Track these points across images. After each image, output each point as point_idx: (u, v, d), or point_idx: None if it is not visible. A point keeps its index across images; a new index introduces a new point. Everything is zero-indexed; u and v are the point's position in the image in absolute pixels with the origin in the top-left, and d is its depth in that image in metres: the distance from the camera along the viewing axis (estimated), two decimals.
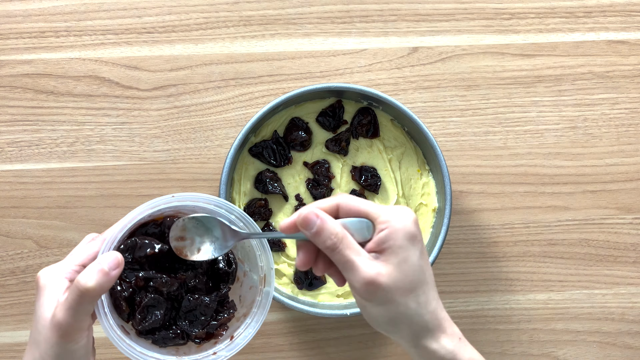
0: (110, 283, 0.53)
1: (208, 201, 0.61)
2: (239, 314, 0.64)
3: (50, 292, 0.53)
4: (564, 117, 0.86)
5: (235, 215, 0.61)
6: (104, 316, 0.55)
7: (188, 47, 0.83)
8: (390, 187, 0.79)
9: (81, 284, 0.51)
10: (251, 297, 0.63)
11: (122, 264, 0.54)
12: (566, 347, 0.86)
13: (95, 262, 0.53)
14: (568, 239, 0.86)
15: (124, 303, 0.59)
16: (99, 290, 0.52)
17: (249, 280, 0.64)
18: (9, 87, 0.82)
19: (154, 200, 0.58)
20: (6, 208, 0.82)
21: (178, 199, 0.59)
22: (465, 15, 0.86)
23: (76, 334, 0.52)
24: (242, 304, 0.64)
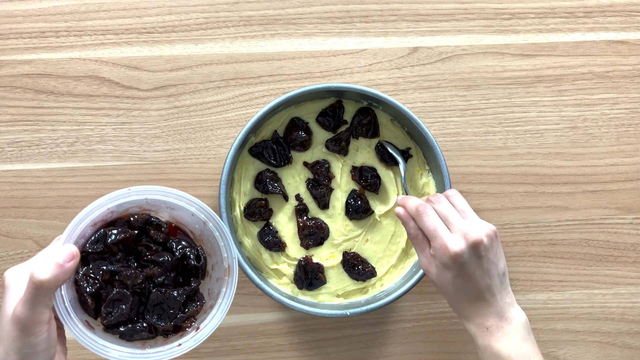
0: (66, 275, 0.53)
1: (167, 194, 0.62)
2: (207, 306, 0.65)
3: (14, 290, 0.54)
4: (564, 117, 0.86)
5: (196, 207, 0.63)
6: (64, 311, 0.56)
7: (188, 47, 0.83)
8: (390, 187, 0.79)
9: (35, 277, 0.52)
10: (218, 289, 0.65)
11: (77, 256, 0.55)
12: (566, 347, 0.86)
13: (49, 255, 0.54)
14: (568, 239, 0.86)
15: (90, 299, 0.60)
16: (53, 282, 0.52)
17: (217, 273, 0.66)
18: (9, 87, 0.82)
19: (112, 194, 0.60)
20: (6, 208, 0.82)
21: (136, 192, 0.61)
22: (465, 15, 0.86)
23: (35, 327, 0.53)
24: (210, 297, 0.66)
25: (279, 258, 0.78)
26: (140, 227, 0.64)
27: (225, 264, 0.64)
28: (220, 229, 0.64)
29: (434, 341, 0.85)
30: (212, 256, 0.66)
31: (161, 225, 0.65)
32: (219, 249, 0.64)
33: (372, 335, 0.84)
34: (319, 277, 0.77)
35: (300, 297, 0.78)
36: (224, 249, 0.64)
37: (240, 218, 0.77)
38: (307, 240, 0.77)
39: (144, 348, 0.62)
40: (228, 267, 0.64)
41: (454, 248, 0.62)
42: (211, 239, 0.65)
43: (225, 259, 0.64)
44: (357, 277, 0.78)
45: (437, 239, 0.64)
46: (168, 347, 0.62)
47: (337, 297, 0.78)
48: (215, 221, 0.64)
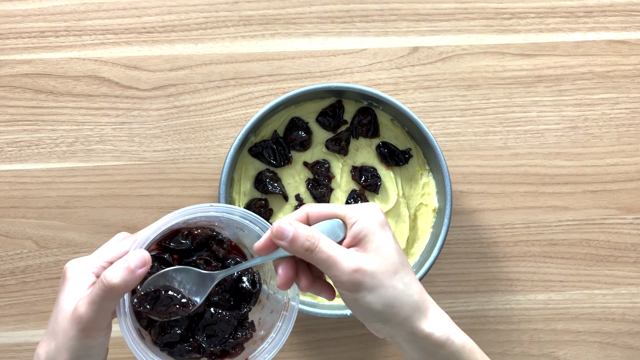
0: (136, 281, 0.52)
1: (244, 215, 0.59)
2: (257, 336, 0.63)
3: (75, 285, 0.53)
4: (564, 117, 0.86)
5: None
6: (123, 316, 0.54)
7: (188, 47, 0.83)
8: (390, 187, 0.79)
9: (107, 280, 0.50)
10: (271, 321, 0.62)
11: (149, 263, 0.54)
12: (566, 348, 0.86)
13: (122, 259, 0.53)
14: (568, 239, 0.86)
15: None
16: (123, 287, 0.51)
17: (272, 304, 0.63)
18: (8, 87, 0.82)
19: (192, 207, 0.58)
20: (6, 208, 0.81)
21: (216, 209, 0.59)
22: (465, 15, 0.85)
23: (95, 330, 0.52)
24: (261, 327, 0.63)
25: None
26: (202, 241, 0.62)
27: (284, 298, 0.61)
28: None
29: None
30: (269, 286, 0.64)
31: (224, 241, 0.62)
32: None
33: (372, 335, 0.84)
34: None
35: (300, 297, 0.77)
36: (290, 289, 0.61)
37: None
38: None
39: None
40: (288, 301, 0.61)
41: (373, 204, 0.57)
42: (272, 268, 0.61)
43: (286, 293, 0.61)
44: None
45: (350, 208, 0.56)
46: None
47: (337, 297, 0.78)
48: (285, 253, 0.60)
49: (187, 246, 0.61)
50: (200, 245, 0.62)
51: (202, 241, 0.61)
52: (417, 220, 0.79)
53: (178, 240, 0.60)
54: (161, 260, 0.60)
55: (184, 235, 0.61)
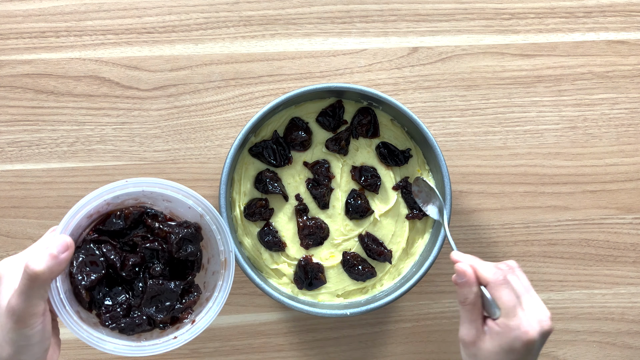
0: (60, 266, 0.53)
1: (164, 186, 0.62)
2: (203, 298, 0.65)
3: (8, 281, 0.54)
4: (563, 117, 0.86)
5: (193, 200, 0.63)
6: (58, 303, 0.56)
7: (188, 47, 0.83)
8: (390, 187, 0.79)
9: (30, 268, 0.51)
10: (214, 282, 0.65)
11: (71, 247, 0.54)
12: (566, 347, 0.86)
13: (43, 246, 0.53)
14: (568, 239, 0.86)
15: (85, 291, 0.59)
16: (48, 273, 0.52)
17: (212, 266, 0.66)
18: (9, 87, 0.82)
19: (109, 185, 0.60)
20: (6, 208, 0.82)
21: (133, 183, 0.61)
22: (465, 15, 0.86)
23: (30, 319, 0.52)
24: (206, 289, 0.66)
25: (278, 258, 0.78)
26: (135, 218, 0.63)
27: (222, 257, 0.64)
28: (217, 222, 0.63)
29: (434, 341, 0.85)
30: (209, 249, 0.66)
31: (158, 215, 0.64)
32: (215, 242, 0.64)
33: (372, 335, 0.84)
34: (319, 277, 0.77)
35: (300, 297, 0.78)
36: (220, 243, 0.64)
37: (240, 218, 0.77)
38: (307, 240, 0.77)
39: (139, 341, 0.62)
40: (225, 260, 0.64)
41: (533, 334, 0.57)
42: (208, 232, 0.65)
43: (222, 252, 0.64)
44: (357, 277, 0.78)
45: (515, 317, 0.58)
46: (164, 340, 0.62)
47: (337, 297, 0.78)
48: (213, 214, 0.63)
49: (121, 226, 0.63)
50: (136, 223, 0.64)
51: (135, 218, 0.63)
52: (417, 220, 0.79)
53: (112, 222, 0.62)
54: (99, 242, 0.62)
55: (117, 215, 0.62)
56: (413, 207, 0.79)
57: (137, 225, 0.64)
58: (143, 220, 0.64)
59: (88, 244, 0.61)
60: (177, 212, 0.66)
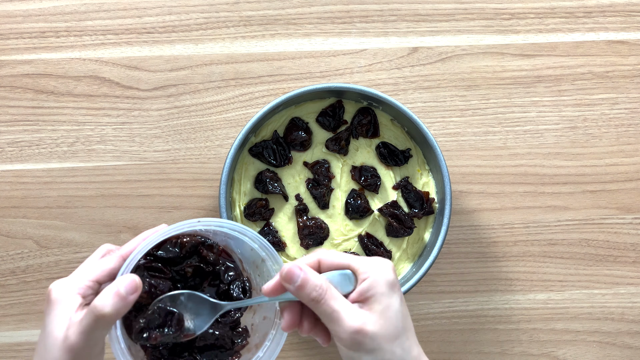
0: (127, 308, 0.51)
1: (233, 228, 0.59)
2: (251, 343, 0.62)
3: (63, 309, 0.51)
4: (563, 117, 0.86)
5: (258, 244, 0.60)
6: (115, 340, 0.54)
7: (188, 47, 0.83)
8: (390, 186, 0.79)
9: (97, 309, 0.49)
10: (264, 329, 0.62)
11: (139, 288, 0.52)
12: (566, 347, 0.86)
13: (113, 286, 0.51)
14: (568, 239, 0.86)
15: (136, 323, 0.56)
16: (115, 315, 0.50)
17: (264, 311, 0.63)
18: (9, 87, 0.82)
19: (180, 224, 0.57)
20: (6, 208, 0.82)
21: (203, 224, 0.58)
22: (465, 15, 0.86)
23: (88, 358, 0.51)
24: (254, 333, 0.63)
25: None
26: (191, 249, 0.60)
27: (277, 305, 0.60)
28: (278, 269, 0.60)
29: (434, 341, 0.85)
30: (261, 292, 0.62)
31: (213, 246, 0.61)
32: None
33: None
34: None
35: None
36: None
37: (240, 218, 0.77)
38: (307, 240, 0.77)
39: None
40: (281, 309, 0.59)
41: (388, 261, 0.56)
42: (264, 273, 0.61)
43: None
44: None
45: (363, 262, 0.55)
46: None
47: None
48: (275, 259, 0.60)
49: (176, 254, 0.60)
50: (190, 253, 0.61)
51: (190, 249, 0.60)
52: (417, 219, 0.79)
53: (167, 249, 0.59)
54: (151, 269, 0.58)
55: (173, 243, 0.59)
56: (413, 207, 0.79)
57: (191, 255, 0.61)
58: (199, 250, 0.61)
59: (142, 272, 0.58)
60: (233, 247, 0.63)
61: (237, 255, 0.63)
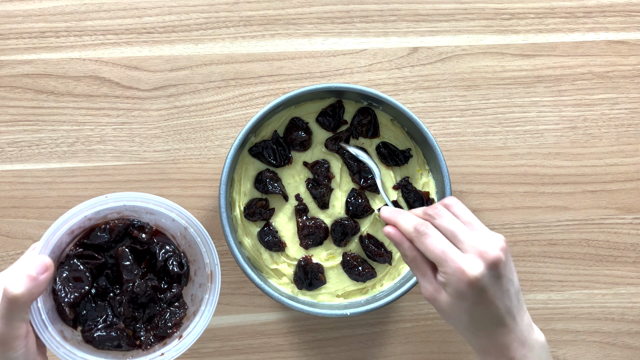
0: (40, 287, 0.52)
1: (145, 200, 0.61)
2: (190, 312, 0.64)
3: None
4: (563, 117, 0.86)
5: (176, 212, 0.62)
6: (39, 323, 0.55)
7: (188, 47, 0.83)
8: (390, 187, 0.79)
9: (9, 292, 0.50)
10: (201, 295, 0.64)
11: (51, 268, 0.53)
12: (566, 347, 0.86)
13: (21, 267, 0.52)
14: (568, 239, 0.86)
15: (68, 308, 0.58)
16: (28, 296, 0.51)
17: (199, 279, 0.65)
18: (9, 87, 0.82)
19: (89, 201, 0.58)
20: (6, 208, 0.82)
21: (113, 199, 0.60)
22: (465, 15, 0.86)
23: (13, 342, 0.51)
24: (193, 303, 0.65)
25: (278, 258, 0.78)
26: (121, 231, 0.62)
27: (207, 269, 0.62)
28: (202, 234, 0.62)
29: (434, 341, 0.85)
30: (195, 262, 0.65)
31: (144, 226, 0.63)
32: (201, 254, 0.63)
33: (372, 335, 0.84)
34: (319, 277, 0.77)
35: (300, 297, 0.78)
36: (206, 255, 0.62)
37: (240, 218, 0.77)
38: (307, 240, 0.78)
39: (125, 358, 0.60)
40: (210, 273, 0.62)
41: (473, 272, 0.53)
42: (193, 245, 0.63)
43: (208, 264, 0.62)
44: (357, 278, 0.78)
45: (448, 263, 0.54)
46: (151, 357, 0.60)
47: (337, 297, 0.78)
48: (197, 227, 0.62)
49: (106, 239, 0.61)
50: (121, 236, 0.62)
51: (121, 231, 0.62)
52: None
53: (96, 235, 0.61)
54: (84, 257, 0.60)
55: (101, 229, 0.61)
56: (413, 207, 0.79)
57: (122, 239, 0.63)
58: (129, 232, 0.63)
59: (72, 259, 0.60)
60: (162, 223, 0.65)
61: (169, 231, 0.65)
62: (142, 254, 0.63)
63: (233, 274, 0.82)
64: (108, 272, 0.62)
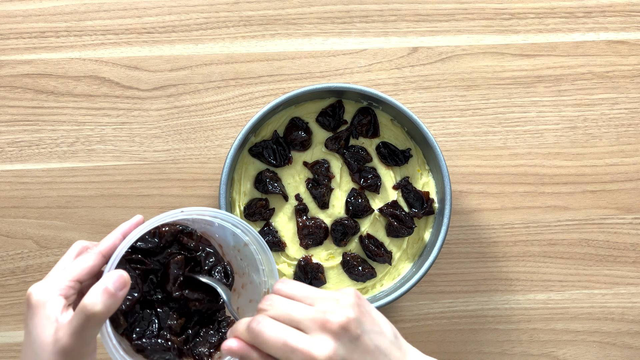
0: (117, 304, 0.50)
1: (215, 215, 0.59)
2: None
3: (47, 312, 0.50)
4: (563, 117, 0.86)
5: (241, 228, 0.60)
6: (107, 338, 0.53)
7: (188, 47, 0.83)
8: (390, 186, 0.79)
9: (88, 309, 0.48)
10: (250, 311, 0.62)
11: (128, 283, 0.51)
12: (566, 347, 0.86)
13: (101, 283, 0.50)
14: (568, 239, 0.86)
15: (122, 317, 0.56)
16: (106, 313, 0.49)
17: (249, 293, 0.63)
18: (9, 87, 0.82)
19: (163, 216, 0.56)
20: (6, 208, 0.82)
21: (187, 213, 0.57)
22: (465, 15, 0.86)
23: (81, 358, 0.50)
24: (240, 316, 0.62)
25: (278, 258, 0.78)
26: (170, 238, 0.60)
27: (263, 287, 0.61)
28: (264, 252, 0.60)
29: (433, 341, 0.85)
30: (244, 275, 0.63)
31: (192, 233, 0.61)
32: (256, 270, 0.61)
33: None
34: (319, 277, 0.77)
35: None
36: (263, 273, 0.61)
37: (240, 218, 0.77)
38: (307, 240, 0.77)
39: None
40: (267, 291, 0.61)
41: (322, 353, 0.47)
42: (250, 260, 0.62)
43: (265, 282, 0.61)
44: (357, 278, 0.78)
45: (294, 353, 0.47)
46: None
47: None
48: (260, 244, 0.60)
49: (155, 244, 0.59)
50: (169, 242, 0.60)
51: (170, 237, 0.60)
52: (417, 219, 0.79)
53: (145, 239, 0.59)
54: (131, 261, 0.58)
55: (151, 234, 0.59)
56: (413, 207, 0.79)
57: (170, 244, 0.60)
58: (179, 238, 0.60)
59: (125, 265, 0.57)
60: (208, 230, 0.63)
61: (216, 240, 0.63)
62: (188, 261, 0.61)
63: None
64: (152, 278, 0.59)
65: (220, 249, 0.64)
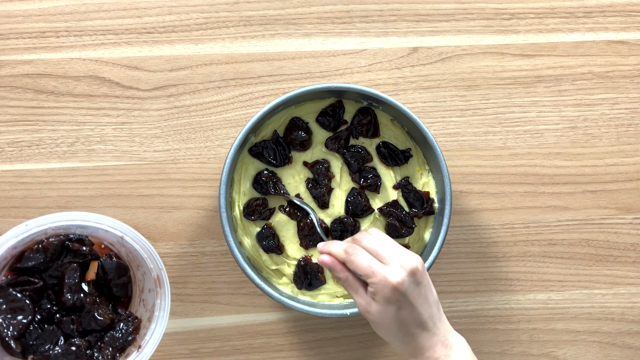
0: None
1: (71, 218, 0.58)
2: (145, 319, 0.62)
3: None
4: (563, 117, 0.86)
5: (107, 224, 0.60)
6: None
7: (188, 47, 0.83)
8: (390, 186, 0.79)
9: None
10: (152, 300, 0.62)
11: None
12: (566, 347, 0.86)
13: None
14: (568, 239, 0.86)
15: (14, 342, 0.56)
16: None
17: (148, 283, 0.63)
18: (9, 87, 0.82)
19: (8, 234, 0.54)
20: (6, 208, 0.82)
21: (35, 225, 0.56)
22: (465, 15, 0.86)
23: None
24: (145, 308, 0.63)
25: (278, 259, 0.78)
26: (57, 249, 0.59)
27: (153, 274, 0.61)
28: (140, 240, 0.60)
29: None
30: (140, 267, 0.63)
31: (82, 238, 0.60)
32: (142, 260, 0.61)
33: (372, 335, 0.84)
34: (319, 278, 0.77)
35: (299, 297, 0.78)
36: (148, 261, 0.61)
37: (240, 218, 0.77)
38: (307, 240, 0.77)
39: None
40: (157, 277, 0.61)
41: (395, 278, 0.61)
42: (132, 252, 0.62)
43: (152, 270, 0.61)
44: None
45: (374, 274, 0.62)
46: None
47: (336, 297, 0.78)
48: (133, 233, 0.60)
49: (42, 259, 0.58)
50: (57, 254, 0.59)
51: (57, 249, 0.59)
52: (417, 219, 0.79)
53: (29, 257, 0.58)
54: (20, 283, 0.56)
55: (34, 250, 0.58)
56: (413, 207, 0.79)
57: (59, 255, 0.59)
58: (67, 247, 0.59)
59: (6, 290, 0.56)
60: (97, 233, 0.62)
61: (107, 240, 0.63)
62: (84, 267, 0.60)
63: (233, 274, 0.82)
64: (49, 293, 0.58)
65: (112, 246, 0.64)
